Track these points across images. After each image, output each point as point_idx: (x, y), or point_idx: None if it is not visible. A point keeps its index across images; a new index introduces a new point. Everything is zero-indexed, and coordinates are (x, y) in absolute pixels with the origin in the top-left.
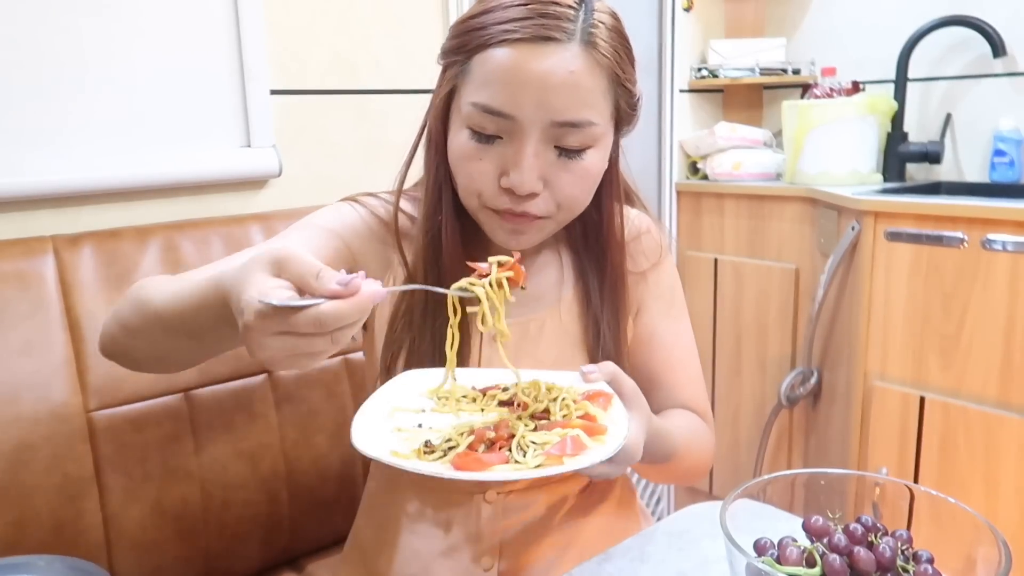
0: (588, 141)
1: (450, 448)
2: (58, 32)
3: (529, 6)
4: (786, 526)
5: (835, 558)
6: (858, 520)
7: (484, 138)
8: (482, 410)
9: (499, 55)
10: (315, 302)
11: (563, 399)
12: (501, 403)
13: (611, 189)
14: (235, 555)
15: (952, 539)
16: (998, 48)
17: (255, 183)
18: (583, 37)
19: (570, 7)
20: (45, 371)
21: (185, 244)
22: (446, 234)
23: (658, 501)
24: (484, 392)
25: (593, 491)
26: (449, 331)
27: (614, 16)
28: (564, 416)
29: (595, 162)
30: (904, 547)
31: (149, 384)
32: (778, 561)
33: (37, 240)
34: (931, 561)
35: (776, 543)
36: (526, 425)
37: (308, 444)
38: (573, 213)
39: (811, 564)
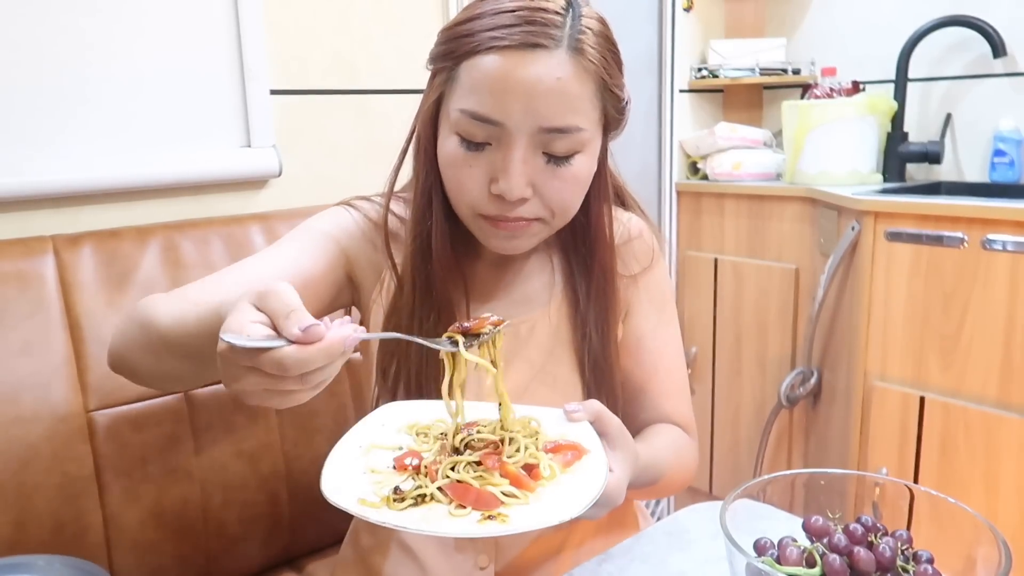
0: (576, 147)
1: (420, 495)
2: (58, 32)
3: (516, 13)
4: (786, 526)
5: (835, 558)
6: (858, 520)
7: (473, 145)
8: (455, 448)
9: (487, 62)
10: (276, 344)
11: (522, 445)
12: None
13: (600, 192)
14: (235, 555)
15: (952, 539)
16: (998, 48)
17: (255, 183)
18: (570, 43)
19: (557, 13)
20: (45, 371)
21: (185, 244)
22: (436, 239)
23: (658, 501)
24: (466, 427)
25: None
26: (445, 387)
27: (602, 21)
28: (511, 458)
29: (583, 167)
30: (904, 547)
31: None
32: (778, 561)
33: (37, 240)
34: (931, 561)
35: (776, 543)
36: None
37: (308, 444)
38: (564, 218)
39: (811, 564)
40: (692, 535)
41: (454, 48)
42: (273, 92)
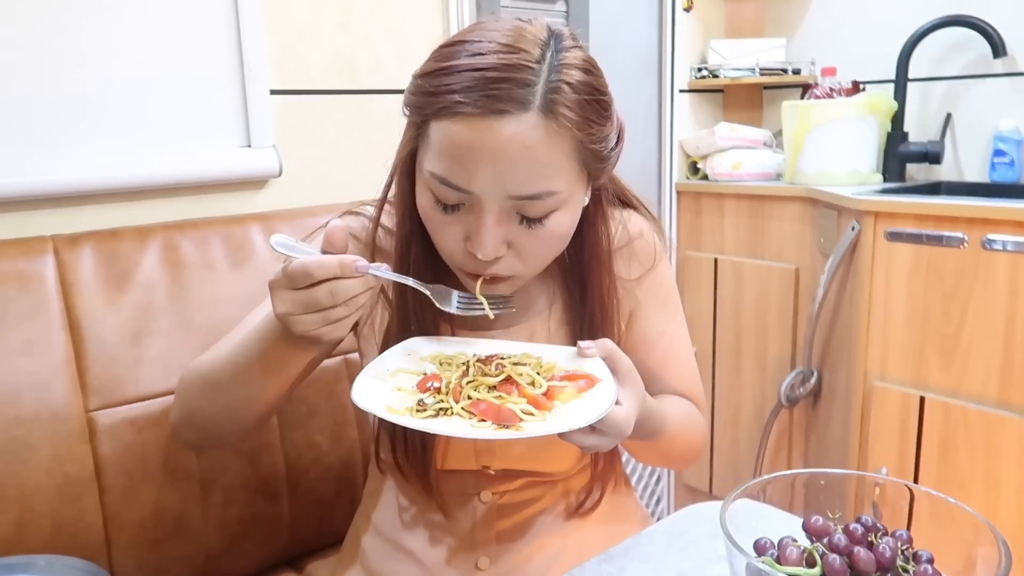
0: (552, 207)
1: (441, 409)
2: (58, 32)
3: (486, 73)
4: (786, 526)
5: (835, 558)
6: (858, 520)
7: (447, 206)
8: (474, 378)
9: (452, 128)
10: (302, 254)
11: (527, 370)
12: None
13: (594, 220)
14: (235, 555)
15: (952, 539)
16: (998, 48)
17: (255, 183)
18: (542, 104)
19: (529, 67)
20: (45, 371)
21: (185, 244)
22: (412, 297)
23: (658, 501)
24: (486, 360)
25: (590, 491)
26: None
27: (586, 67)
28: (530, 383)
29: (562, 224)
30: (904, 547)
31: (149, 384)
32: (778, 561)
33: (37, 240)
34: (931, 561)
35: (776, 543)
36: (488, 389)
37: (308, 444)
38: (544, 265)
39: (811, 564)
40: (692, 535)
41: (423, 105)
42: (273, 92)
